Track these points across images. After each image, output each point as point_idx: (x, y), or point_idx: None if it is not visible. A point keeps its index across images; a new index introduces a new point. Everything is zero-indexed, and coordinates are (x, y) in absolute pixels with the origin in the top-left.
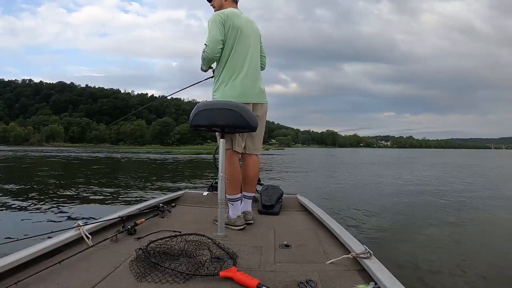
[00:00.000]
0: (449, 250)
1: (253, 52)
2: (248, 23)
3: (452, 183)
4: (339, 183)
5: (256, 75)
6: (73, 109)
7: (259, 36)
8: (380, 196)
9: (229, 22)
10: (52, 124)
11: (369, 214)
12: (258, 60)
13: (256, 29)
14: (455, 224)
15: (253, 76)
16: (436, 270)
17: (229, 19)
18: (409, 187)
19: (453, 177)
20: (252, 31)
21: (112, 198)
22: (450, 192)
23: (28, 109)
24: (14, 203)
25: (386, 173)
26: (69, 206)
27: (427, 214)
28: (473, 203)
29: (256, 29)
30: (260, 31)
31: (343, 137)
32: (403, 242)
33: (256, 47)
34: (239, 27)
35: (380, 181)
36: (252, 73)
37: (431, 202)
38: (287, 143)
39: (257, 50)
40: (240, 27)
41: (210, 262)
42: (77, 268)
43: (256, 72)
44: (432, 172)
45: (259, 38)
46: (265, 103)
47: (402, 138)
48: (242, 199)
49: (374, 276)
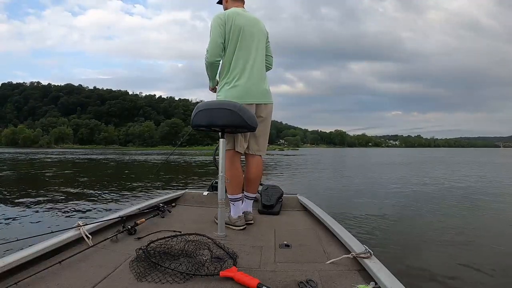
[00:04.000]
0: (450, 250)
1: (258, 51)
2: (252, 22)
3: (454, 181)
4: (389, 189)
5: (261, 75)
6: (82, 111)
7: (265, 35)
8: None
9: (230, 23)
10: (60, 126)
11: (378, 214)
12: (263, 60)
13: (262, 28)
14: (458, 224)
15: (257, 76)
16: (437, 270)
17: (229, 19)
18: (417, 187)
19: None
20: (257, 30)
21: (112, 198)
22: (455, 191)
23: (37, 112)
24: (14, 203)
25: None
26: (69, 206)
27: (430, 214)
28: (482, 201)
29: (262, 28)
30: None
31: (352, 137)
32: (403, 242)
33: (261, 46)
34: (241, 26)
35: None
36: (256, 73)
37: (437, 201)
38: (296, 143)
39: (262, 49)
40: (242, 26)
41: (210, 262)
42: (77, 268)
43: (260, 72)
44: (476, 172)
45: (266, 37)
46: (270, 104)
47: (411, 137)
48: (244, 199)
49: (374, 276)
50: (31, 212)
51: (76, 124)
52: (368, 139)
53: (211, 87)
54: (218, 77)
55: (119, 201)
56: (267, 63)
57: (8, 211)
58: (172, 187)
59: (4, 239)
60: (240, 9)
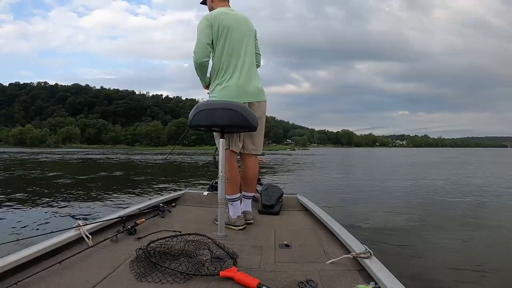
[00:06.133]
0: (450, 250)
1: (247, 50)
2: (239, 21)
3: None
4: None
5: (251, 74)
6: (89, 110)
7: (253, 33)
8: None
9: (217, 23)
10: (68, 126)
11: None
12: (253, 58)
13: (250, 26)
14: (460, 224)
15: (248, 74)
16: (437, 270)
17: (216, 20)
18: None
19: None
20: (246, 29)
21: (112, 198)
22: (461, 192)
23: (44, 111)
24: (15, 204)
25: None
26: (69, 206)
27: (432, 213)
28: (487, 203)
29: (251, 26)
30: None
31: (359, 137)
32: (404, 242)
33: (249, 45)
34: (229, 26)
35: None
36: (247, 72)
37: (440, 202)
38: (303, 143)
39: (251, 48)
40: (229, 26)
41: (210, 262)
42: (77, 268)
43: (251, 70)
44: None
45: (254, 35)
46: (263, 101)
47: (417, 137)
48: (242, 199)
49: (374, 276)
50: (31, 212)
51: (83, 123)
52: (375, 139)
53: (204, 85)
54: (209, 77)
55: (119, 201)
56: (256, 61)
57: (8, 211)
58: (172, 187)
59: (4, 239)
60: (226, 9)
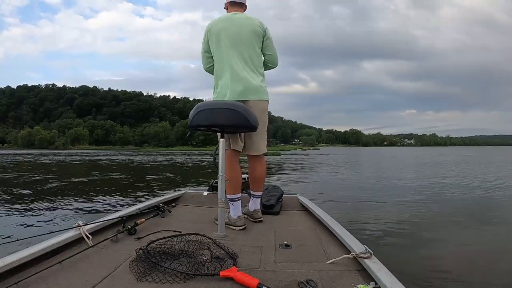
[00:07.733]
0: (450, 250)
1: (242, 50)
2: (238, 23)
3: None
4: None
5: (246, 73)
6: (97, 112)
7: (256, 34)
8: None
9: (211, 30)
10: (76, 127)
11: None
12: (250, 58)
13: (252, 27)
14: (461, 224)
15: (242, 74)
16: (437, 270)
17: (211, 26)
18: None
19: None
20: (245, 30)
21: (112, 198)
22: (466, 191)
23: (52, 113)
24: (15, 204)
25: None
26: (69, 206)
27: (433, 213)
28: (492, 201)
29: (253, 27)
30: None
31: (367, 136)
32: (404, 242)
33: (246, 45)
34: (219, 31)
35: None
36: (239, 71)
37: (444, 201)
38: (311, 142)
39: (247, 48)
40: (219, 30)
41: (210, 262)
42: (77, 268)
43: (245, 70)
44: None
45: (258, 36)
46: (262, 100)
47: (426, 136)
48: (250, 198)
49: (374, 276)
50: (32, 212)
51: (91, 125)
52: (383, 138)
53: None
54: None
55: (119, 201)
56: (266, 62)
57: (9, 212)
58: (172, 187)
59: (4, 239)
60: (231, 14)
